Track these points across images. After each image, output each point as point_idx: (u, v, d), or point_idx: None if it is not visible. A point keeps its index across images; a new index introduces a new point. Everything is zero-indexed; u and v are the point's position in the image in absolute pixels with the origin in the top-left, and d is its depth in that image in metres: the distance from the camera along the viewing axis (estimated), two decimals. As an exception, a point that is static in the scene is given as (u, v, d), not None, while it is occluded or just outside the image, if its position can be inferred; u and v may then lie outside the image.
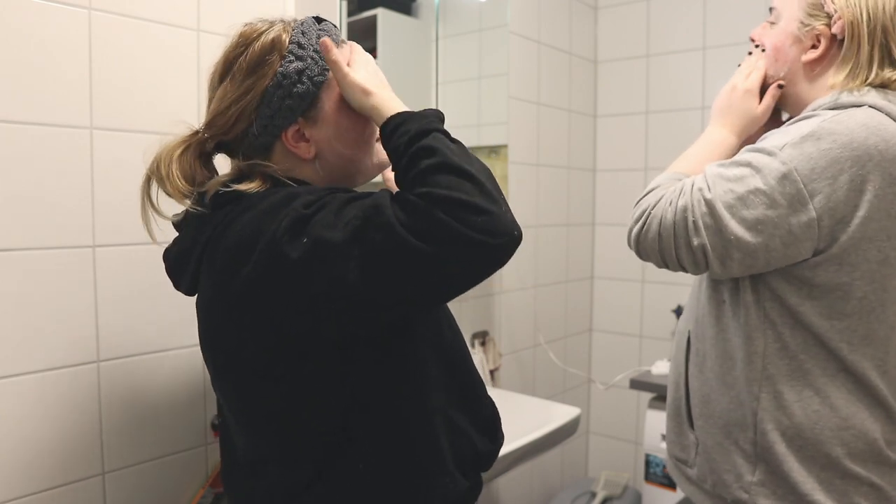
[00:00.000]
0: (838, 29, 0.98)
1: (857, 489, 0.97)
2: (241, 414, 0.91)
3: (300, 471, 0.86)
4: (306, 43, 0.87)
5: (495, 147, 1.98)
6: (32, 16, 1.09)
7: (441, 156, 0.75)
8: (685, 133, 2.34)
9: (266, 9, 1.44)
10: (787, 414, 0.98)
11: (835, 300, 0.95)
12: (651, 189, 1.04)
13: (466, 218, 0.71)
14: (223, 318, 0.85)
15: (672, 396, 1.17)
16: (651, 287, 2.43)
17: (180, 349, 1.32)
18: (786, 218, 0.91)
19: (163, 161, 0.86)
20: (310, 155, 0.89)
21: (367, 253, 0.72)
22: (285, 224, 0.75)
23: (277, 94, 0.85)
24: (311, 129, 0.88)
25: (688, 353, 1.12)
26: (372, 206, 0.74)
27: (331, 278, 0.73)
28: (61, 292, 1.15)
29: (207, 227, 0.86)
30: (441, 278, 0.74)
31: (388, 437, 0.87)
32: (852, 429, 0.97)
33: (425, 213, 0.71)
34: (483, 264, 0.74)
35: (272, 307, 0.78)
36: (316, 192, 0.79)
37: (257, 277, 0.77)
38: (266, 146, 0.89)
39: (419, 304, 0.81)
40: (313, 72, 0.86)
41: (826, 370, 0.97)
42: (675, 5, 2.34)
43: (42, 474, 1.13)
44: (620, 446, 2.56)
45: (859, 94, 0.96)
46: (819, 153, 0.89)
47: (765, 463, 1.00)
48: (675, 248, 0.97)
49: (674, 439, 1.16)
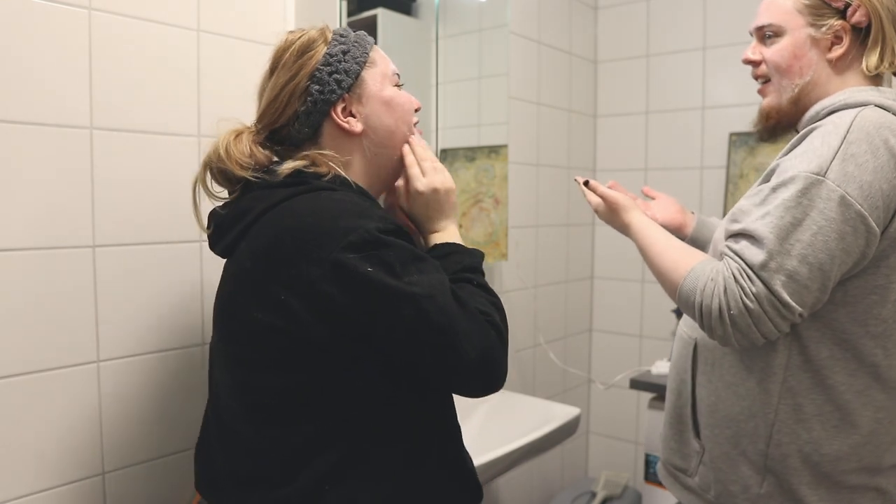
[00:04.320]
0: (861, 16, 0.98)
1: (862, 496, 0.97)
2: (242, 388, 0.91)
3: (329, 455, 0.87)
4: (347, 34, 0.97)
5: (495, 147, 1.98)
6: (32, 16, 1.09)
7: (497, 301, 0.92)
8: (685, 133, 2.34)
9: (266, 9, 1.44)
10: (806, 428, 0.97)
11: (871, 304, 0.94)
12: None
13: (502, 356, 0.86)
14: (253, 289, 0.87)
15: (673, 403, 1.15)
16: (651, 287, 2.43)
17: (180, 349, 1.32)
18: (853, 243, 0.89)
19: (220, 144, 0.93)
20: (358, 129, 0.95)
21: (414, 319, 0.80)
22: (354, 238, 0.80)
23: (326, 71, 0.93)
24: (356, 104, 0.96)
25: (694, 361, 1.11)
26: (439, 282, 0.83)
27: (374, 317, 0.81)
28: (61, 292, 1.15)
29: (265, 200, 0.89)
30: (452, 381, 0.87)
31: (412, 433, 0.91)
32: (871, 444, 0.96)
33: (474, 319, 0.84)
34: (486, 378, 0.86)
35: (309, 303, 0.82)
36: (387, 221, 0.85)
37: (308, 272, 0.81)
38: (315, 127, 0.95)
39: (425, 378, 0.89)
40: (356, 53, 0.95)
41: (853, 386, 0.96)
42: (675, 5, 2.34)
43: (42, 474, 1.13)
44: (620, 446, 2.56)
45: (863, 94, 0.97)
46: (859, 169, 0.89)
47: (774, 475, 0.99)
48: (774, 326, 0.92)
49: (673, 447, 1.15)
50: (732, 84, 2.22)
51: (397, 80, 1.00)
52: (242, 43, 1.40)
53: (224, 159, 0.92)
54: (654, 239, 1.08)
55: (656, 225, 1.12)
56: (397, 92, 0.99)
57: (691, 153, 2.34)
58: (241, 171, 0.91)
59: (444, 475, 0.93)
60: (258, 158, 0.94)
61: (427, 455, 0.92)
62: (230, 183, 0.95)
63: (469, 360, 0.81)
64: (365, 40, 0.98)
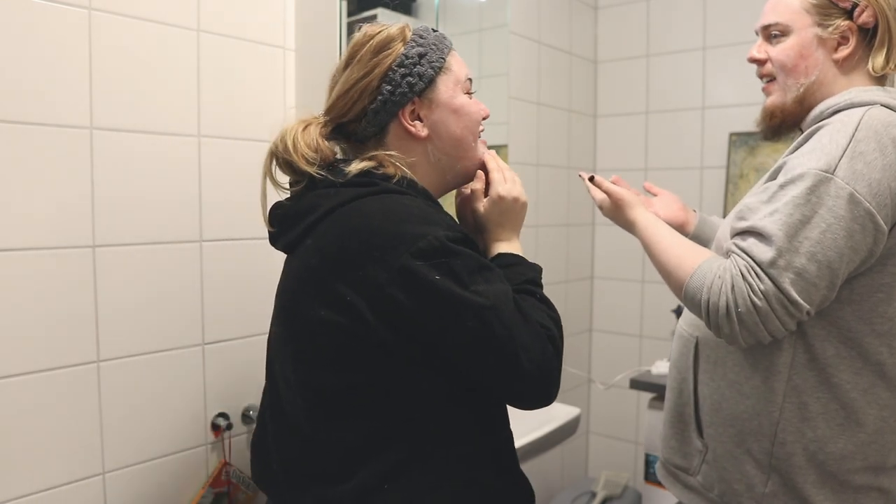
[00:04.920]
0: (869, 17, 0.98)
1: (866, 495, 0.97)
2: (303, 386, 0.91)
3: (391, 454, 0.87)
4: (427, 36, 0.96)
5: (495, 147, 1.98)
6: (32, 16, 1.09)
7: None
8: (685, 133, 2.34)
9: (266, 9, 1.44)
10: (811, 426, 0.97)
11: (877, 302, 0.94)
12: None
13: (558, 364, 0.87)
14: (318, 286, 0.87)
15: (674, 402, 1.15)
16: (651, 287, 2.43)
17: (180, 349, 1.32)
18: (861, 241, 0.89)
19: (288, 135, 0.93)
20: (424, 134, 0.95)
21: (477, 329, 0.81)
22: (423, 245, 0.81)
23: (399, 72, 0.92)
24: (425, 109, 0.95)
25: (696, 359, 1.11)
26: (504, 293, 0.83)
27: (438, 324, 0.82)
28: (61, 292, 1.15)
29: (332, 199, 0.89)
30: (508, 391, 0.87)
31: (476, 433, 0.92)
32: (876, 444, 0.96)
33: (535, 331, 0.84)
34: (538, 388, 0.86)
35: (375, 305, 0.82)
36: (455, 229, 0.86)
37: (375, 275, 0.81)
38: (382, 126, 0.95)
39: (481, 387, 0.89)
40: (432, 57, 0.94)
41: (858, 384, 0.96)
42: (675, 5, 2.34)
43: (42, 474, 1.13)
44: (620, 446, 2.56)
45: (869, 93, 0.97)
46: (868, 167, 0.89)
47: (778, 474, 0.99)
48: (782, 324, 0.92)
49: (674, 446, 1.14)
50: (732, 84, 2.22)
51: (469, 87, 1.00)
52: (242, 43, 1.40)
53: (290, 151, 0.91)
54: (659, 236, 1.07)
55: (661, 222, 1.11)
56: (468, 101, 0.98)
57: (691, 153, 2.34)
58: (306, 165, 0.91)
59: (501, 480, 0.94)
60: (323, 152, 0.93)
61: (485, 459, 0.92)
62: (294, 173, 0.95)
63: (526, 372, 0.82)
64: (443, 44, 0.97)
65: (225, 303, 1.39)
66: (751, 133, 2.20)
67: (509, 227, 1.01)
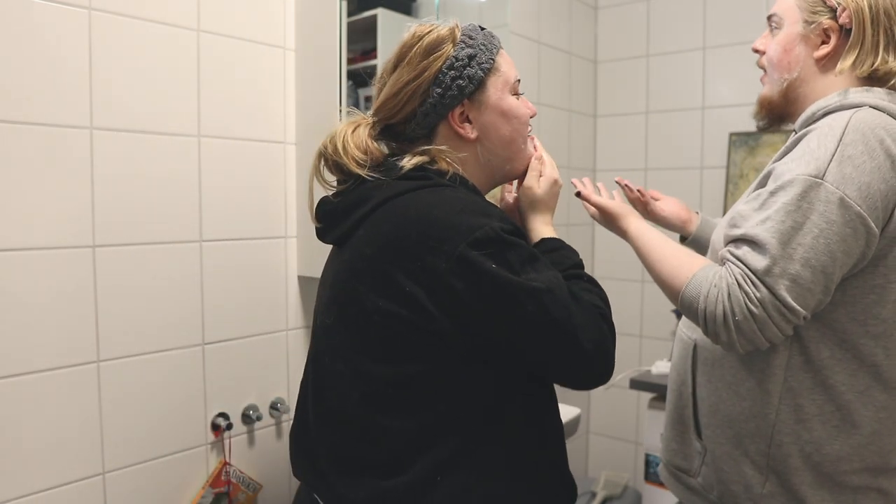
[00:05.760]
0: (846, 19, 0.98)
1: (865, 495, 0.97)
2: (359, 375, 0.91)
3: (443, 447, 0.88)
4: (476, 36, 0.96)
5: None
6: (32, 16, 1.09)
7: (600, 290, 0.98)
8: (685, 133, 2.34)
9: (266, 9, 1.44)
10: (807, 428, 0.97)
11: (870, 304, 0.94)
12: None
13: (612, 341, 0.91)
14: (374, 277, 0.87)
15: (674, 404, 1.16)
16: (651, 287, 2.43)
17: (180, 349, 1.32)
18: (854, 244, 0.89)
19: (337, 136, 0.94)
20: (473, 136, 0.96)
21: (535, 312, 0.83)
22: (479, 235, 0.82)
23: (449, 75, 0.93)
24: (475, 111, 0.96)
25: (694, 362, 1.11)
26: (556, 278, 0.85)
27: (497, 311, 0.83)
28: (61, 292, 1.15)
29: (386, 191, 0.90)
30: (568, 372, 0.89)
31: (528, 426, 0.93)
32: (873, 445, 0.96)
33: (589, 312, 0.87)
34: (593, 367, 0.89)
35: (433, 294, 0.83)
36: (508, 221, 0.87)
37: (434, 265, 0.82)
38: (430, 127, 0.96)
39: (541, 371, 0.91)
40: (482, 59, 0.95)
41: (854, 386, 0.96)
42: (675, 5, 2.34)
43: (42, 474, 1.13)
44: (620, 446, 2.56)
45: (857, 95, 0.96)
46: (857, 171, 0.88)
47: (776, 475, 0.99)
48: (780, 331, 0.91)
49: (675, 447, 1.15)
50: (732, 84, 2.22)
51: (517, 88, 1.00)
52: (242, 43, 1.40)
53: (340, 153, 0.92)
54: (652, 245, 1.08)
55: (654, 230, 1.12)
56: (516, 102, 0.99)
57: (691, 153, 2.34)
58: (356, 167, 0.92)
59: (551, 475, 0.95)
60: (372, 153, 0.94)
61: (537, 453, 0.93)
62: (343, 174, 0.95)
63: (586, 352, 0.85)
64: (492, 44, 0.97)
65: (225, 303, 1.39)
66: (751, 133, 2.20)
67: (551, 209, 1.05)
